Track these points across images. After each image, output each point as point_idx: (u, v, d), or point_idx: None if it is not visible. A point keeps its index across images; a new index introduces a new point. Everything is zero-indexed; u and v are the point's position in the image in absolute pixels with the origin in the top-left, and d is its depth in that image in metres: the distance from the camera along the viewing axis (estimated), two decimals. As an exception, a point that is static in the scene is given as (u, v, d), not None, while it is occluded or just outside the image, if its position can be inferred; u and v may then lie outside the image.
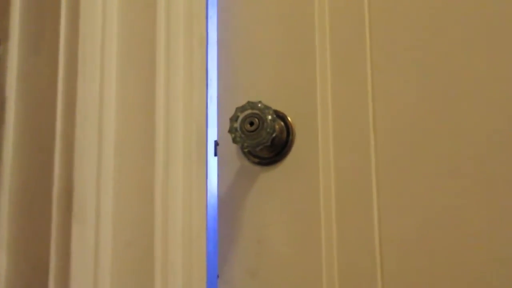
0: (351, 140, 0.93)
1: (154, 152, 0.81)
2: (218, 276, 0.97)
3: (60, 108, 0.77)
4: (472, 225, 0.86)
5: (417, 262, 0.87)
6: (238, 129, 0.92)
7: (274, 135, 0.92)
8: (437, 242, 0.87)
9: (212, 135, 1.01)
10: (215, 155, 1.00)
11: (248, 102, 0.93)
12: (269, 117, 0.91)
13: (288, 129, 0.96)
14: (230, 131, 0.93)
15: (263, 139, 0.91)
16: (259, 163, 0.97)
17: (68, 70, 0.78)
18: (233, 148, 0.99)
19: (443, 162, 0.88)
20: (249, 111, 0.92)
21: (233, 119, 0.93)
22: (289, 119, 0.96)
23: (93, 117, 0.78)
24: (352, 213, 0.91)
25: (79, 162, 0.76)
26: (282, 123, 0.96)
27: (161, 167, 0.82)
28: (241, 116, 0.93)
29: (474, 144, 0.87)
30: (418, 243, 0.88)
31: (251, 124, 0.92)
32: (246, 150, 0.97)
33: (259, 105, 0.92)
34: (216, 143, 1.00)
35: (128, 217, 0.80)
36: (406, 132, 0.91)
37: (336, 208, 0.92)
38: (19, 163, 0.78)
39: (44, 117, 0.77)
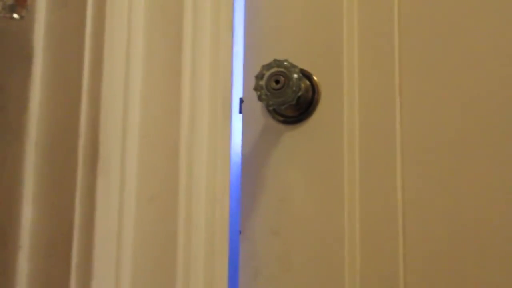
0: (376, 100, 0.93)
1: (180, 107, 0.81)
2: (240, 233, 0.97)
3: (87, 62, 0.77)
4: (496, 190, 0.85)
5: (439, 224, 0.87)
6: (264, 87, 0.92)
7: (299, 94, 0.91)
8: (460, 207, 0.87)
9: (237, 92, 1.01)
10: (240, 112, 1.00)
11: (275, 60, 0.92)
12: (295, 75, 0.91)
13: (313, 88, 0.95)
14: (255, 88, 0.92)
15: (288, 98, 0.91)
16: (283, 122, 0.97)
17: (95, 23, 0.77)
18: (258, 106, 0.99)
19: (469, 125, 0.88)
20: (275, 69, 0.92)
21: (259, 76, 0.92)
22: (315, 78, 0.95)
23: (119, 72, 0.78)
24: (375, 174, 0.91)
25: (105, 116, 0.76)
26: (308, 82, 0.95)
27: (187, 123, 0.82)
28: (267, 74, 0.92)
29: (505, 108, 0.86)
30: (441, 206, 0.88)
31: (277, 82, 0.91)
32: (271, 108, 0.97)
33: (285, 63, 0.91)
34: (241, 100, 1.00)
35: (153, 172, 0.80)
36: (432, 93, 0.90)
37: (360, 168, 0.92)
38: (45, 116, 0.78)
39: (71, 70, 0.77)
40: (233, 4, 0.93)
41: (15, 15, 0.71)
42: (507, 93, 0.86)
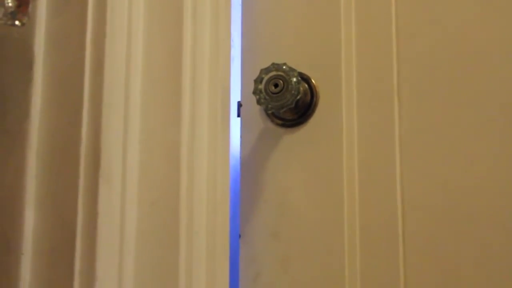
0: (375, 103, 0.93)
1: (180, 113, 0.81)
2: (239, 236, 0.98)
3: (88, 68, 0.77)
4: (495, 189, 0.86)
5: (438, 225, 0.88)
6: (263, 90, 0.92)
7: (298, 97, 0.92)
8: (459, 206, 0.87)
9: (234, 96, 1.01)
10: (238, 116, 1.00)
11: (273, 64, 0.92)
12: (294, 79, 0.91)
13: (312, 92, 0.96)
14: (254, 92, 0.93)
15: (287, 101, 0.91)
16: (282, 125, 0.97)
17: (95, 29, 0.78)
18: (257, 109, 0.99)
19: (467, 125, 0.88)
20: (273, 73, 0.92)
21: (258, 80, 0.93)
22: (313, 81, 0.96)
23: (120, 78, 0.78)
24: (374, 176, 0.91)
25: (107, 122, 0.76)
26: (306, 86, 0.96)
27: (187, 128, 0.82)
28: (266, 77, 0.92)
29: (501, 106, 0.87)
30: (440, 206, 0.88)
31: (276, 86, 0.92)
32: (270, 112, 0.97)
33: (284, 67, 0.92)
34: (240, 104, 1.00)
35: (154, 176, 0.80)
36: (430, 96, 0.90)
37: (359, 170, 0.92)
38: (47, 122, 0.78)
39: (72, 77, 0.77)
40: (231, 9, 0.93)
41: (17, 22, 0.71)
42: (506, 91, 0.87)
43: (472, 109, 0.88)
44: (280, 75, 0.92)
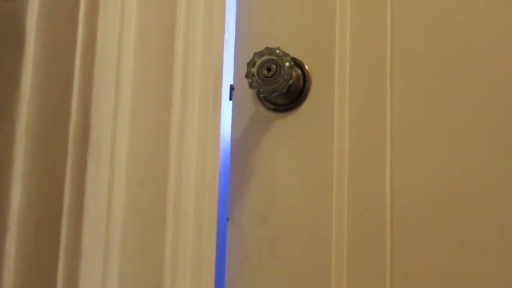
0: (367, 91, 0.93)
1: (171, 93, 0.81)
2: (227, 219, 0.98)
3: (80, 45, 0.76)
4: (483, 180, 0.86)
5: (426, 214, 0.88)
6: (255, 74, 0.92)
7: (290, 82, 0.91)
8: (447, 197, 0.87)
9: (226, 80, 1.01)
10: (230, 99, 1.00)
11: (266, 48, 0.92)
12: (287, 63, 0.91)
13: (304, 77, 0.96)
14: (247, 76, 0.93)
15: (279, 86, 0.91)
16: (274, 110, 0.97)
17: (88, 6, 0.77)
18: (249, 93, 0.99)
19: (458, 117, 0.88)
20: (266, 57, 0.92)
21: (251, 64, 0.93)
22: (306, 67, 0.96)
23: (112, 55, 0.78)
24: (364, 163, 0.92)
25: (97, 99, 0.76)
26: (299, 71, 0.96)
27: (178, 109, 0.82)
28: (259, 61, 0.92)
29: (493, 100, 0.87)
30: (428, 196, 0.88)
31: (269, 70, 0.92)
32: (261, 95, 0.97)
33: (277, 51, 0.91)
34: (232, 88, 1.00)
35: (143, 156, 0.80)
36: (423, 86, 0.91)
37: (349, 157, 0.92)
38: (37, 97, 0.77)
39: (63, 53, 0.77)
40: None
41: (9, -4, 0.71)
42: (499, 84, 0.87)
43: (464, 102, 0.88)
44: (273, 59, 0.91)
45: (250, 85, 0.92)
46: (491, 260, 0.84)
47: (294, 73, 0.93)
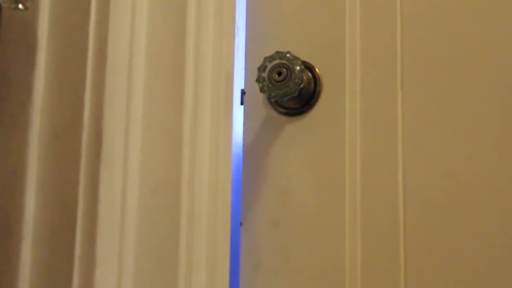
0: (378, 93, 0.93)
1: (183, 99, 0.81)
2: (241, 224, 0.98)
3: (91, 53, 0.76)
4: (497, 181, 0.86)
5: (440, 216, 0.88)
6: (266, 78, 0.92)
7: (301, 86, 0.91)
8: (460, 197, 0.87)
9: (237, 84, 1.01)
10: (242, 104, 1.00)
11: (277, 52, 0.92)
12: (298, 67, 0.91)
13: (315, 81, 0.95)
14: (257, 80, 0.93)
15: (290, 90, 0.91)
16: (285, 114, 0.97)
17: (99, 14, 0.77)
18: (260, 97, 0.99)
19: (470, 117, 0.88)
20: (277, 61, 0.92)
21: (261, 68, 0.93)
22: (317, 70, 0.96)
23: (123, 63, 0.78)
24: (377, 166, 0.91)
25: (109, 107, 0.76)
26: (310, 74, 0.95)
27: (189, 115, 0.82)
28: (269, 65, 0.92)
29: (504, 99, 0.87)
30: (441, 196, 0.88)
31: (279, 74, 0.92)
32: (273, 100, 0.97)
33: (288, 55, 0.91)
34: (243, 92, 1.00)
35: (156, 163, 0.80)
36: (434, 87, 0.90)
37: (361, 160, 0.92)
38: (49, 106, 0.78)
39: (74, 61, 0.77)
40: (235, -4, 0.93)
41: (20, 6, 0.71)
42: (509, 83, 0.87)
43: (476, 101, 0.88)
44: (284, 64, 0.91)
45: (261, 90, 0.92)
46: (508, 261, 0.84)
47: (305, 77, 0.93)
